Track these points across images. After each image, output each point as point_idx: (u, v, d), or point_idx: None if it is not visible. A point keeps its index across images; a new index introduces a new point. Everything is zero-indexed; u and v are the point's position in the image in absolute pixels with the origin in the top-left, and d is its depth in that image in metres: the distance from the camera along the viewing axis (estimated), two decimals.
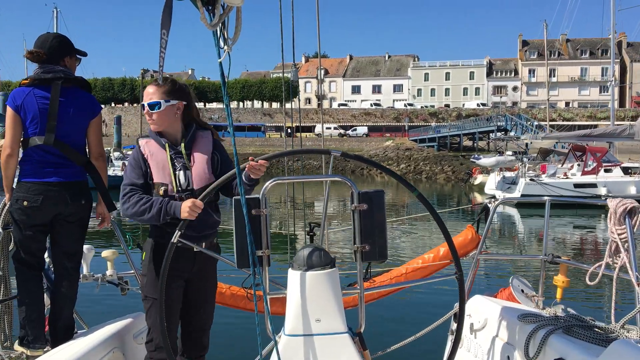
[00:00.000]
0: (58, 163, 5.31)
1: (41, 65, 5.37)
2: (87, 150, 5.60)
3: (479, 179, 56.39)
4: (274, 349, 4.19)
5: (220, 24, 3.69)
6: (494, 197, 42.80)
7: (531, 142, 47.68)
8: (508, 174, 46.02)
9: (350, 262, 4.69)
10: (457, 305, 5.13)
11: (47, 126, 5.23)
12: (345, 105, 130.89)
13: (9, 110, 5.25)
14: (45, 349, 5.24)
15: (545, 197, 6.25)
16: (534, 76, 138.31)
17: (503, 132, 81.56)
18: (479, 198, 47.92)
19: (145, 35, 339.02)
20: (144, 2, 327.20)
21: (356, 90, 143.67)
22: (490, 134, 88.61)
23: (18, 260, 5.35)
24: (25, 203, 5.20)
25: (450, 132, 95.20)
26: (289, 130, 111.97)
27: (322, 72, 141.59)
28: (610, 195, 32.22)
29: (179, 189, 4.74)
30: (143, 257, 4.89)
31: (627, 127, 37.41)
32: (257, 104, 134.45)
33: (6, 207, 5.44)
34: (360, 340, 4.46)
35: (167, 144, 4.86)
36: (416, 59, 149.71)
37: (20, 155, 5.39)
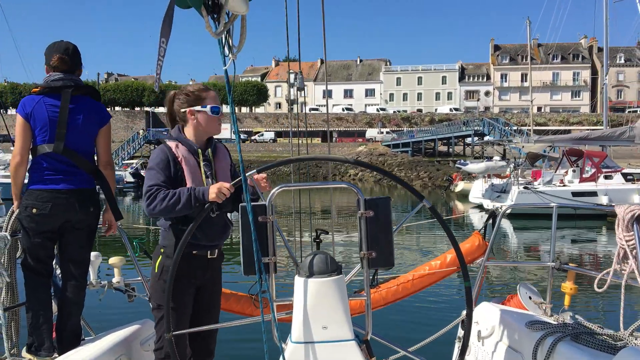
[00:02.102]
0: (67, 171, 5.41)
1: (51, 73, 5.47)
2: (95, 158, 5.70)
3: (460, 185, 54.69)
4: (281, 357, 4.27)
5: (225, 32, 3.79)
6: (480, 206, 40.93)
7: (523, 146, 44.76)
8: (496, 181, 43.91)
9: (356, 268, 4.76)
10: (464, 312, 5.19)
11: (56, 134, 5.33)
12: (317, 109, 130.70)
13: (19, 118, 5.35)
14: (52, 356, 5.33)
15: (553, 204, 6.34)
16: (506, 81, 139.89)
17: (479, 137, 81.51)
18: (460, 206, 46.18)
19: (108, 37, 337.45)
20: (107, 2, 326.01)
21: (327, 94, 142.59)
22: (467, 139, 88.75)
23: (26, 267, 5.44)
24: (34, 210, 5.29)
25: (424, 136, 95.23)
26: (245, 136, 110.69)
27: (295, 75, 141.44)
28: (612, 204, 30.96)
29: None
30: (157, 265, 4.91)
31: (627, 129, 36.55)
32: (225, 108, 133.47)
33: (14, 215, 5.53)
34: (367, 348, 4.52)
35: (199, 150, 4.99)
36: (388, 63, 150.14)
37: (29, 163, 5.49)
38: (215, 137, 5.24)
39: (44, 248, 5.44)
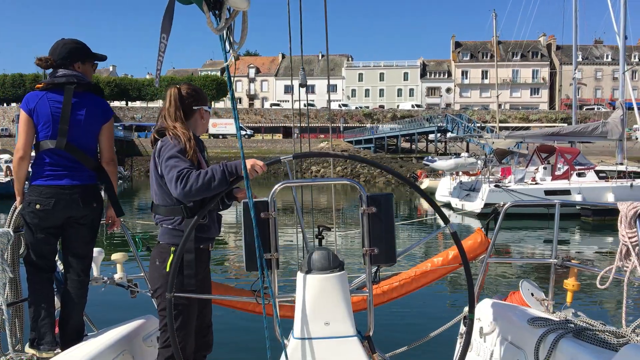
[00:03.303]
0: (70, 166, 5.48)
1: (54, 70, 5.54)
2: (98, 154, 5.76)
3: (425, 183, 53.21)
4: (283, 353, 4.34)
5: (226, 28, 3.85)
6: (448, 205, 40.40)
7: (493, 142, 42.97)
8: (465, 178, 43.47)
9: (359, 265, 4.84)
10: (466, 308, 5.26)
11: (59, 130, 5.40)
12: (278, 105, 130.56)
13: (22, 113, 5.42)
14: (55, 351, 5.37)
15: (555, 201, 6.41)
16: (466, 78, 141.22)
17: (442, 133, 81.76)
18: (425, 205, 44.77)
19: (63, 27, 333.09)
20: None
21: (289, 89, 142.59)
22: (430, 135, 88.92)
23: (29, 263, 5.50)
24: (37, 206, 5.36)
25: (387, 132, 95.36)
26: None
27: (254, 70, 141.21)
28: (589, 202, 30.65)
29: None
30: (169, 265, 4.87)
31: (600, 124, 36.52)
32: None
33: (17, 210, 5.58)
34: (369, 344, 4.61)
35: (202, 145, 5.17)
36: (350, 58, 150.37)
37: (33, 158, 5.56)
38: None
39: (47, 244, 5.50)
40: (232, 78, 4.22)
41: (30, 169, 5.56)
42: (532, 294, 6.36)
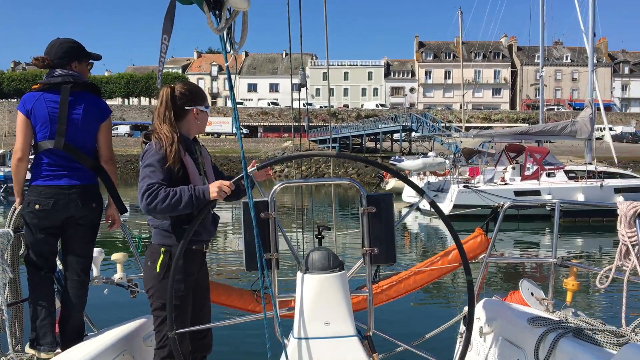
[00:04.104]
0: (68, 166, 5.52)
1: (50, 70, 5.59)
2: (97, 153, 5.78)
3: (391, 183, 52.06)
4: (283, 353, 4.38)
5: (226, 28, 3.89)
6: (412, 205, 40.88)
7: (462, 141, 42.23)
8: (433, 178, 43.33)
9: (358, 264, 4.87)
10: (466, 308, 5.32)
11: (56, 130, 5.44)
12: (241, 104, 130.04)
13: (20, 115, 5.47)
14: (55, 352, 5.41)
15: (555, 200, 6.49)
16: (430, 78, 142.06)
17: (407, 133, 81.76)
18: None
19: (16, 22, 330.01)
20: None
21: (253, 88, 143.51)
22: (395, 134, 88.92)
23: (29, 263, 5.53)
24: (36, 206, 5.40)
25: (352, 132, 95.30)
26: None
27: (217, 68, 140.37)
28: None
29: None
30: (159, 265, 4.91)
31: (569, 123, 36.53)
32: (144, 100, 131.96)
33: (17, 211, 5.62)
34: (369, 344, 4.66)
35: (195, 147, 5.17)
36: (314, 57, 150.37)
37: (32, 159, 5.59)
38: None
39: (46, 244, 5.53)
40: (232, 79, 4.24)
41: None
42: (532, 294, 6.42)
